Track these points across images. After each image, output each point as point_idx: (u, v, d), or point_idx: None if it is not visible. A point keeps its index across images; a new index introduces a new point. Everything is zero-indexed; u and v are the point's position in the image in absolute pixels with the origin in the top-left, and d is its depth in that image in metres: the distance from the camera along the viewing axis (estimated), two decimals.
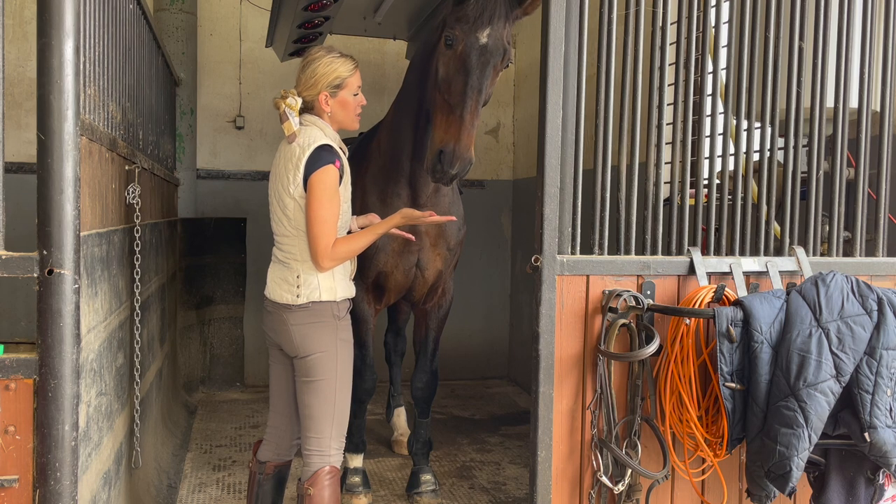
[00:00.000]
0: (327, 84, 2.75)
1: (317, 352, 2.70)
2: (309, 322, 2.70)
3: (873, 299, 2.49)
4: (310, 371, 2.71)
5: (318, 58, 2.77)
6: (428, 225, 3.67)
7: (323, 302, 2.71)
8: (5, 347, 2.10)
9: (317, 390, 2.71)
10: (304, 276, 2.71)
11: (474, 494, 4.19)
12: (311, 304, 2.70)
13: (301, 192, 2.68)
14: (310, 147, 2.67)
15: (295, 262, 2.74)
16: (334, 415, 2.73)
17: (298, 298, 2.70)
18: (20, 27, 5.68)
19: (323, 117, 2.80)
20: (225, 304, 6.34)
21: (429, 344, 4.07)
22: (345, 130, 2.93)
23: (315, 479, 2.70)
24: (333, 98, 2.77)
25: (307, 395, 2.73)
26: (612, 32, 2.72)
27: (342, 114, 2.81)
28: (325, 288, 2.72)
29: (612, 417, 2.70)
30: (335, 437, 2.75)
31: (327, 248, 2.65)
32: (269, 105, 6.47)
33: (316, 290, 2.70)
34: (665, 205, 2.88)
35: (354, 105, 2.82)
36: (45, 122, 2.00)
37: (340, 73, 2.76)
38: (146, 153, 3.95)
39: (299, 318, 2.71)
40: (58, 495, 2.03)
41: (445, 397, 6.19)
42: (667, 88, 2.83)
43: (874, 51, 3.04)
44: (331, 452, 2.74)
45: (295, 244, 2.73)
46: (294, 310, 2.71)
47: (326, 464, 2.72)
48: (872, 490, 2.64)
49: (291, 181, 2.69)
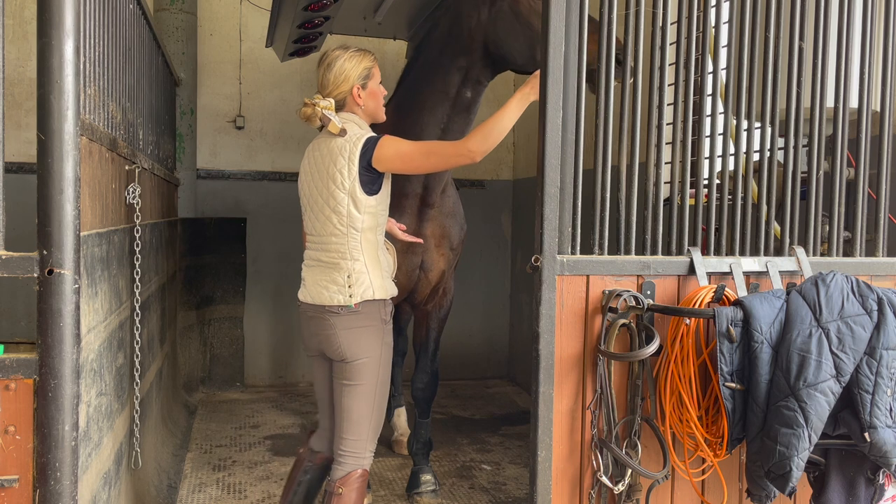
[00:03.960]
0: (358, 76, 2.79)
1: (363, 357, 2.70)
2: (357, 326, 2.69)
3: (873, 299, 2.49)
4: (353, 375, 2.71)
5: (340, 56, 2.80)
6: (432, 226, 3.69)
7: (374, 302, 2.71)
8: (5, 347, 2.10)
9: (358, 394, 2.71)
10: (357, 274, 2.69)
11: (474, 494, 4.19)
12: (361, 306, 2.69)
13: (356, 186, 2.66)
14: (360, 139, 2.70)
15: (345, 262, 2.71)
16: (372, 419, 2.75)
17: (352, 298, 2.68)
18: (20, 27, 5.68)
19: (356, 112, 2.83)
20: (225, 304, 6.35)
21: (430, 344, 4.07)
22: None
23: (348, 479, 2.72)
24: (364, 90, 2.82)
25: (347, 399, 2.73)
26: (613, 32, 2.72)
27: (373, 104, 2.85)
28: (378, 286, 2.71)
29: (612, 417, 2.70)
30: (371, 440, 2.78)
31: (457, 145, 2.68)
32: (270, 105, 6.47)
33: (369, 289, 2.69)
34: (665, 205, 2.88)
35: (380, 95, 2.88)
36: (45, 122, 2.00)
37: (367, 64, 2.82)
38: (146, 153, 3.95)
39: (348, 322, 2.70)
40: (58, 495, 2.03)
41: (445, 397, 6.19)
42: (667, 88, 2.83)
43: (874, 51, 3.04)
44: (366, 455, 2.77)
45: (345, 242, 2.71)
46: (343, 313, 2.69)
47: (360, 466, 2.75)
48: (872, 490, 2.64)
49: (346, 175, 2.67)
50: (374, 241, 2.74)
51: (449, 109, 3.48)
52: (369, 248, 2.72)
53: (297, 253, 6.05)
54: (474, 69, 3.44)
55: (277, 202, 6.41)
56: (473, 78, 3.46)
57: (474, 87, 3.49)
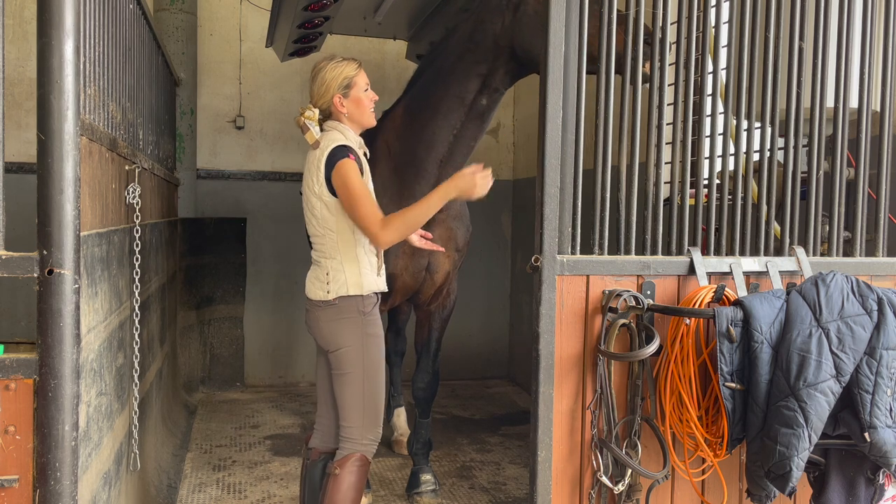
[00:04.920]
0: (338, 87, 2.90)
1: (343, 346, 2.86)
2: (336, 318, 2.86)
3: (873, 299, 2.49)
4: (339, 364, 2.88)
5: (324, 66, 2.93)
6: (441, 229, 3.72)
7: (350, 297, 2.85)
8: (5, 347, 2.10)
9: (346, 382, 2.88)
10: (333, 272, 2.86)
11: (474, 494, 4.19)
12: (338, 301, 2.85)
13: (325, 191, 2.83)
14: (328, 148, 2.83)
15: (325, 260, 2.89)
16: (364, 406, 2.89)
17: (329, 294, 2.85)
18: (20, 27, 5.68)
19: (342, 120, 2.95)
20: (225, 304, 6.35)
21: (432, 344, 4.07)
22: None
23: (343, 461, 2.87)
24: (347, 98, 2.91)
25: (338, 387, 2.91)
26: (613, 32, 2.72)
27: (358, 112, 2.94)
28: (353, 283, 2.85)
29: (612, 417, 2.70)
30: (367, 427, 2.91)
31: (377, 222, 2.75)
32: (270, 105, 6.47)
33: (343, 286, 2.85)
34: (665, 205, 2.88)
35: (367, 102, 2.95)
36: (45, 122, 2.00)
37: (347, 73, 2.91)
38: (146, 153, 3.95)
39: (328, 314, 2.88)
40: (58, 495, 2.03)
41: (446, 397, 6.19)
42: (667, 88, 2.83)
43: (874, 51, 3.04)
44: (363, 442, 2.91)
45: (325, 242, 2.88)
46: (324, 307, 2.88)
47: (357, 451, 2.89)
48: (872, 490, 2.64)
49: (316, 182, 2.85)
50: (351, 241, 2.86)
51: (463, 116, 3.50)
52: (346, 247, 2.85)
53: (297, 253, 6.09)
54: (495, 76, 3.44)
55: (277, 202, 6.41)
56: (492, 86, 3.47)
57: (491, 95, 3.50)
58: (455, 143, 3.53)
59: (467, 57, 3.46)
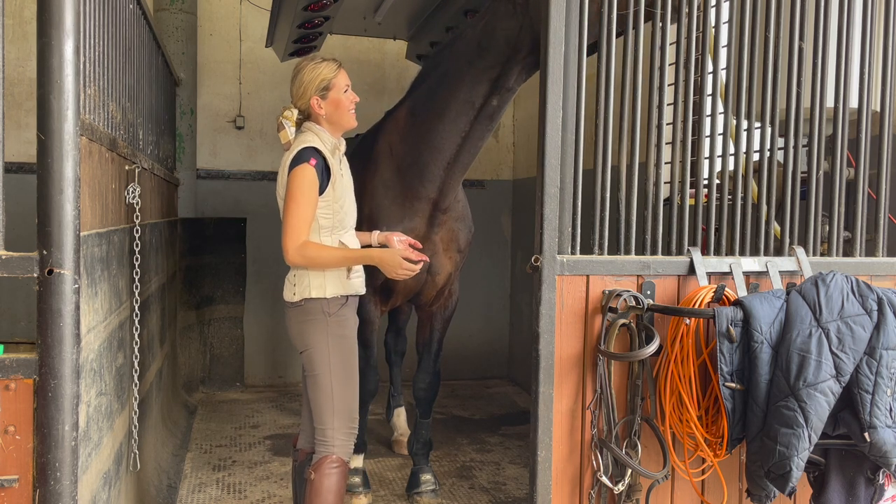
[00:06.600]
0: (315, 88, 2.87)
1: (308, 347, 2.87)
2: (301, 319, 2.88)
3: (873, 299, 2.49)
4: (307, 365, 2.90)
5: (303, 67, 2.90)
6: (443, 230, 3.70)
7: (313, 299, 2.85)
8: (5, 347, 2.10)
9: (314, 384, 2.87)
10: (299, 274, 2.89)
11: (474, 494, 4.19)
12: (304, 302, 2.86)
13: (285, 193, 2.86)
14: (295, 150, 2.83)
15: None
16: (334, 407, 2.86)
17: (294, 296, 2.87)
18: (20, 27, 5.68)
19: (320, 122, 2.92)
20: (225, 304, 6.35)
21: (433, 344, 4.07)
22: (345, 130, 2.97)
23: (318, 465, 2.84)
24: (325, 100, 2.89)
25: (308, 388, 2.92)
26: (613, 32, 2.72)
27: (336, 114, 2.91)
28: (315, 286, 2.85)
29: (612, 417, 2.70)
30: (338, 429, 2.87)
31: (294, 243, 2.80)
32: (270, 105, 6.47)
33: (307, 288, 2.85)
34: (665, 205, 2.88)
35: (347, 103, 2.91)
36: (45, 122, 2.00)
37: (325, 75, 2.87)
38: (146, 153, 3.95)
39: (295, 315, 2.90)
40: (58, 495, 2.03)
41: (446, 397, 6.19)
42: (667, 88, 2.83)
43: (874, 51, 3.04)
44: (335, 443, 2.86)
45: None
46: (292, 308, 2.90)
47: (329, 452, 2.85)
48: (872, 490, 2.64)
49: (282, 184, 2.89)
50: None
51: (472, 119, 3.44)
52: None
53: None
54: (509, 76, 3.31)
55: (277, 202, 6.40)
56: (505, 86, 3.36)
57: (503, 95, 3.41)
58: (463, 146, 3.51)
59: (477, 63, 3.35)
